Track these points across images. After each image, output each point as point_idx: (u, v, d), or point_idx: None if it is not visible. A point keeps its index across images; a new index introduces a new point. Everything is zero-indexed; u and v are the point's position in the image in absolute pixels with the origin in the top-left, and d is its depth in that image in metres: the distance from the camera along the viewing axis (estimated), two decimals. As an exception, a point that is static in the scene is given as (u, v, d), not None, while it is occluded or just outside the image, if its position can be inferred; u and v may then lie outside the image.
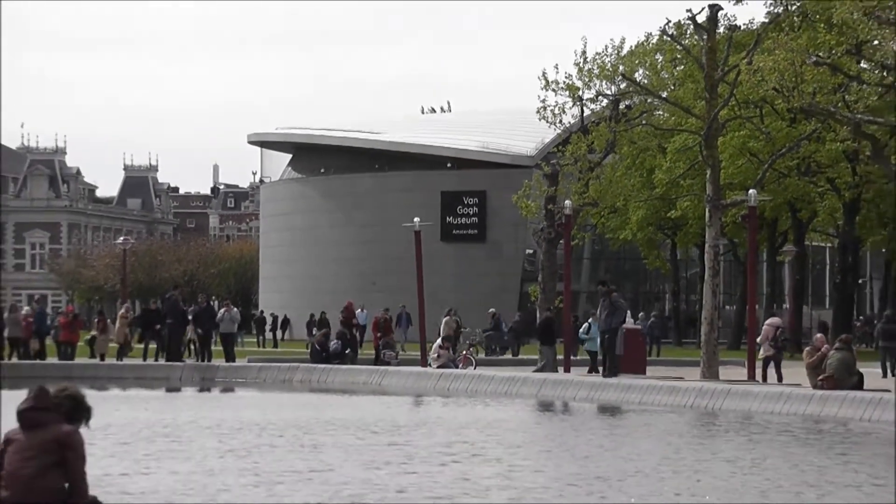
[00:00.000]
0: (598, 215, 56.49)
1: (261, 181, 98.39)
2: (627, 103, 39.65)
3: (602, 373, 32.98)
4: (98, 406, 9.56)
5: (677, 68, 50.80)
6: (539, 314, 38.08)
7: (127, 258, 65.18)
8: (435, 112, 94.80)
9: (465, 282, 72.79)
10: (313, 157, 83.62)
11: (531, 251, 66.43)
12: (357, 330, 48.10)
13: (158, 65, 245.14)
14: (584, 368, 36.73)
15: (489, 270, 74.33)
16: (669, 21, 40.12)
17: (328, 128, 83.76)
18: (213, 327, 41.36)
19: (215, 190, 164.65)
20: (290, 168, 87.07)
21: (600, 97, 39.05)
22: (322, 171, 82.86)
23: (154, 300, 47.65)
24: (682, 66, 50.55)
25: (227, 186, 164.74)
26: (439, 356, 39.00)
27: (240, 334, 51.81)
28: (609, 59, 38.76)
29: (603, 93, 38.73)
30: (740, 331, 57.85)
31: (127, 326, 42.64)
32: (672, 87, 46.46)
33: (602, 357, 33.91)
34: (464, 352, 42.08)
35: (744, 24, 49.21)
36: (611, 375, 31.97)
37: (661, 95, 40.85)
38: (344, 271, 77.84)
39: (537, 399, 30.95)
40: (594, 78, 38.46)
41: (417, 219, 40.75)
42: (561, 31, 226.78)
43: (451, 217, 75.62)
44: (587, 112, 39.81)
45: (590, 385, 31.35)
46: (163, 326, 40.17)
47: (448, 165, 76.67)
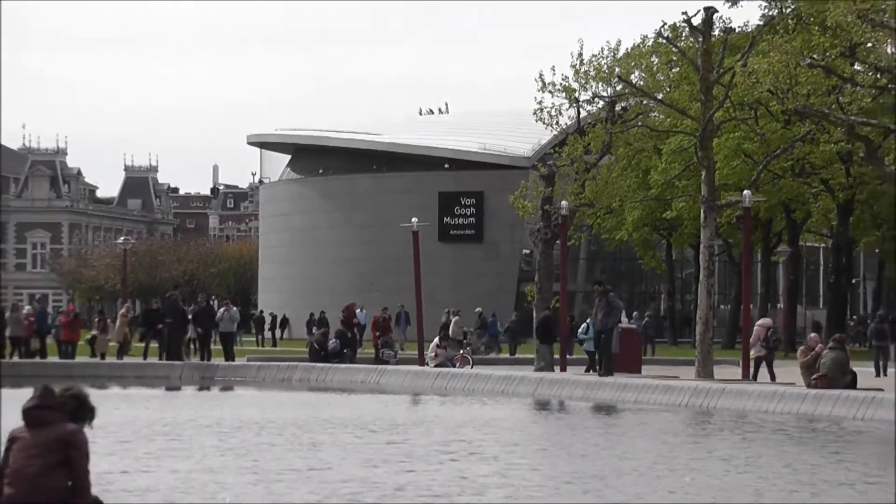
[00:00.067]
0: (595, 216, 56.54)
1: (260, 182, 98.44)
2: (623, 105, 39.66)
3: (598, 372, 33.04)
4: (98, 405, 9.55)
5: (673, 70, 50.98)
6: (536, 314, 38.18)
7: (127, 258, 65.35)
8: (433, 113, 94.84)
9: (463, 282, 72.86)
10: (312, 158, 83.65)
11: (528, 251, 66.63)
12: (357, 329, 48.27)
13: (159, 65, 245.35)
14: (580, 367, 36.68)
15: (486, 270, 74.38)
16: (665, 24, 40.36)
17: (327, 129, 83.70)
18: (213, 326, 41.54)
19: (215, 190, 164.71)
20: (290, 169, 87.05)
21: (596, 99, 39.06)
22: (321, 172, 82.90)
23: (155, 300, 47.81)
24: (678, 69, 50.70)
25: (227, 187, 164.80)
26: (437, 355, 39.22)
27: (239, 333, 51.92)
28: (605, 62, 38.81)
29: (599, 94, 38.73)
30: (735, 330, 57.92)
31: (127, 326, 42.89)
32: (668, 89, 46.54)
33: (598, 356, 34.04)
34: (461, 351, 42.31)
35: (739, 27, 49.60)
36: (606, 374, 32.03)
37: (657, 97, 40.92)
38: (342, 271, 77.87)
39: (534, 398, 30.95)
40: (590, 80, 38.48)
41: (415, 219, 40.91)
42: (558, 34, 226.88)
43: (449, 217, 75.67)
44: (583, 114, 39.81)
45: (586, 384, 31.36)
46: (164, 326, 40.40)
47: (445, 166, 76.72)
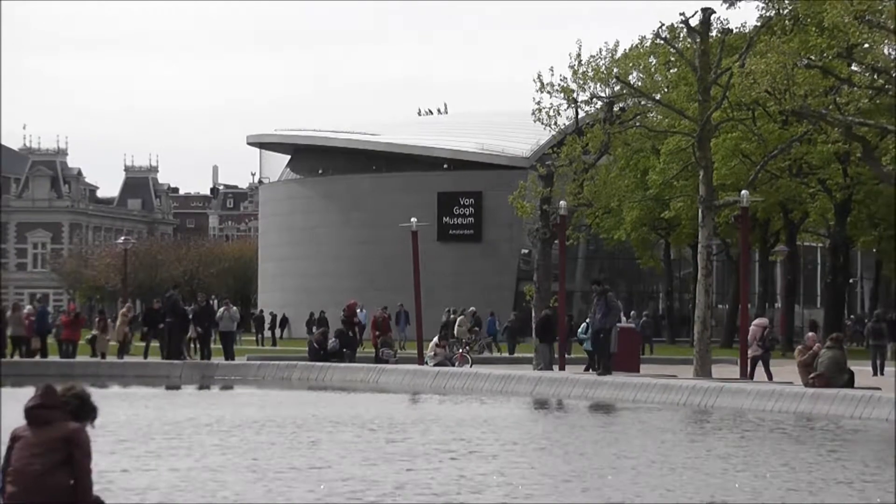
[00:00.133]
0: (593, 216, 56.64)
1: (260, 182, 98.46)
2: (621, 105, 39.72)
3: (597, 371, 32.99)
4: (99, 404, 9.55)
5: (671, 71, 51.02)
6: (534, 313, 38.28)
7: (128, 258, 65.55)
8: (432, 114, 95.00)
9: (462, 281, 72.96)
10: (312, 158, 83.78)
11: (526, 251, 66.67)
12: (358, 328, 48.44)
13: (159, 66, 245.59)
14: (578, 366, 36.62)
15: (485, 270, 74.51)
16: (663, 24, 40.48)
17: (326, 129, 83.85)
18: (213, 326, 41.63)
19: (215, 190, 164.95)
20: (289, 169, 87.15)
21: (595, 99, 39.07)
22: (320, 172, 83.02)
23: (157, 299, 47.98)
24: (676, 69, 50.78)
25: (227, 187, 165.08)
26: (436, 354, 39.39)
27: (238, 333, 52.01)
28: (603, 62, 38.80)
29: (597, 95, 38.75)
30: (733, 330, 58.11)
31: (127, 325, 43.05)
32: (665, 90, 46.63)
33: (595, 356, 34.09)
34: (460, 350, 42.48)
35: (736, 28, 49.72)
36: (604, 374, 32.06)
37: (655, 98, 41.02)
38: (342, 271, 77.98)
39: (532, 397, 31.02)
40: (589, 80, 38.48)
41: (414, 219, 41.06)
42: (556, 35, 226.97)
43: (448, 217, 75.81)
44: (582, 114, 39.84)
45: (584, 383, 31.42)
46: (164, 325, 40.48)
47: (444, 166, 76.87)
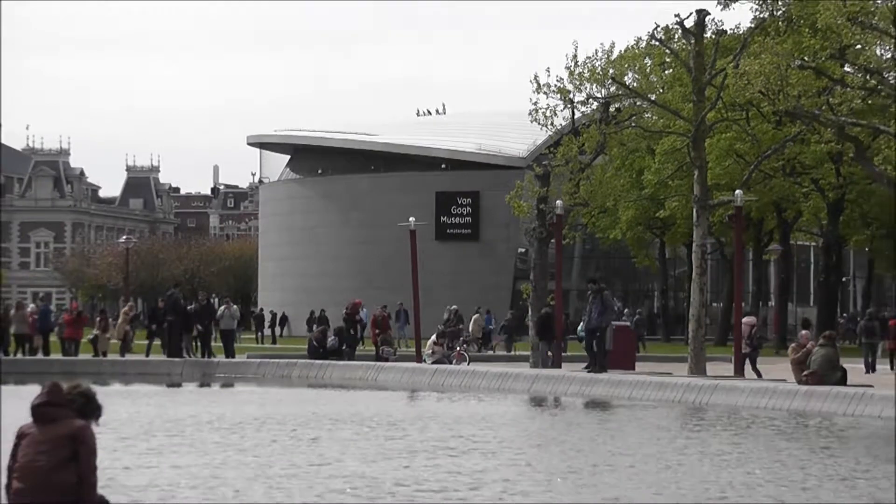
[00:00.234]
0: (589, 215, 56.94)
1: (260, 182, 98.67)
2: (617, 106, 39.85)
3: (593, 369, 32.88)
4: (100, 401, 9.71)
5: (666, 72, 51.31)
6: (531, 312, 38.50)
7: (129, 257, 65.91)
8: (430, 114, 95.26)
9: (459, 280, 73.05)
10: (311, 159, 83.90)
11: (523, 250, 67.01)
12: (360, 326, 48.77)
13: (160, 67, 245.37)
14: (574, 364, 36.48)
15: (482, 269, 74.62)
16: (658, 26, 40.76)
17: (326, 129, 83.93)
18: (213, 324, 41.87)
19: (215, 190, 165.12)
20: (289, 169, 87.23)
21: (591, 100, 39.15)
22: (320, 172, 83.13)
23: (162, 298, 48.24)
24: (671, 70, 51.05)
25: (227, 187, 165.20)
26: (434, 352, 39.72)
27: (239, 331, 52.26)
28: (599, 63, 38.93)
29: (593, 96, 38.82)
30: (727, 328, 58.38)
31: (128, 323, 43.35)
32: (661, 91, 46.93)
33: (588, 354, 34.13)
34: (458, 348, 42.82)
35: (731, 29, 49.86)
36: (600, 371, 32.14)
37: (650, 98, 41.26)
38: (341, 269, 78.12)
39: (530, 394, 31.13)
40: (585, 81, 38.56)
41: (412, 218, 41.35)
42: (553, 36, 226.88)
43: (446, 217, 75.94)
44: (578, 114, 39.92)
45: (581, 380, 31.51)
46: (165, 323, 40.74)
47: (442, 166, 76.99)
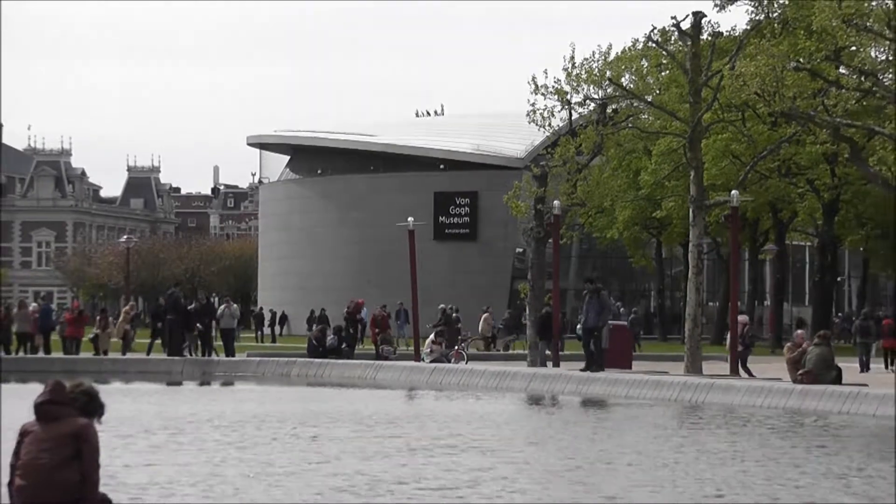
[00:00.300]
0: (586, 215, 57.13)
1: (259, 182, 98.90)
2: (614, 107, 39.95)
3: (591, 368, 32.95)
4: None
5: (662, 73, 51.39)
6: (528, 311, 38.70)
7: (130, 256, 66.12)
8: (429, 115, 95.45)
9: (458, 279, 73.26)
10: (310, 159, 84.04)
11: (521, 250, 67.15)
12: (360, 325, 48.95)
13: (160, 67, 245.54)
14: (572, 363, 36.41)
15: (480, 268, 74.81)
16: (655, 28, 41.03)
17: (325, 130, 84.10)
18: (213, 323, 42.05)
19: (216, 190, 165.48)
20: (288, 169, 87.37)
21: (588, 101, 39.27)
22: (319, 173, 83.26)
23: (162, 297, 48.42)
24: (667, 72, 51.13)
25: (227, 187, 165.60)
26: (432, 351, 39.92)
27: (238, 330, 52.44)
28: (596, 65, 39.05)
29: (590, 97, 38.93)
30: (723, 327, 58.61)
31: (128, 322, 43.56)
32: (657, 92, 46.94)
33: (585, 353, 34.21)
34: (455, 347, 43.04)
35: (727, 31, 50.00)
36: (597, 370, 32.28)
37: (647, 99, 41.33)
38: (340, 269, 78.27)
39: (527, 393, 31.25)
40: (582, 82, 38.70)
41: (411, 218, 41.60)
42: (551, 38, 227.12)
43: (444, 217, 76.08)
44: (575, 115, 40.05)
45: (578, 379, 31.64)
46: (165, 322, 40.93)
47: (441, 167, 77.13)
